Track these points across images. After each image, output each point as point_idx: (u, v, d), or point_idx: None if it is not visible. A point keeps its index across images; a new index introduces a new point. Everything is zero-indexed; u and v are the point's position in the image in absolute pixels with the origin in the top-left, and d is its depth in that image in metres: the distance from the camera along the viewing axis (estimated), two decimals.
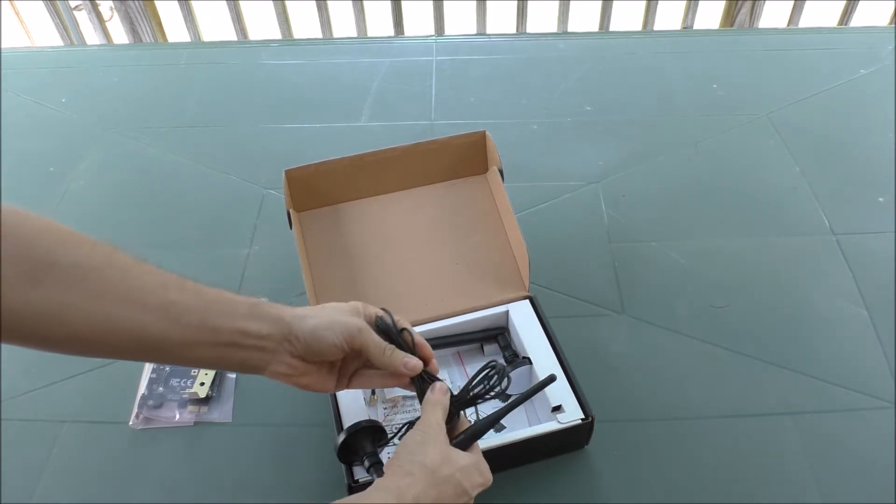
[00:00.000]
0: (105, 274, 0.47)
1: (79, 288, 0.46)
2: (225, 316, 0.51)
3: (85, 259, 0.46)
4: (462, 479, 0.51)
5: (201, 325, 0.50)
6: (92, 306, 0.46)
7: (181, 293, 0.50)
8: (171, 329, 0.49)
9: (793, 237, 0.91)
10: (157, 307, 0.48)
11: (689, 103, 1.14)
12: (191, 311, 0.50)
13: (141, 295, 0.48)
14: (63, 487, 0.70)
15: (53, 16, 1.98)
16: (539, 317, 0.74)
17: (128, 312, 0.47)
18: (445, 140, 0.82)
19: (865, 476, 0.68)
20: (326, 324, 0.54)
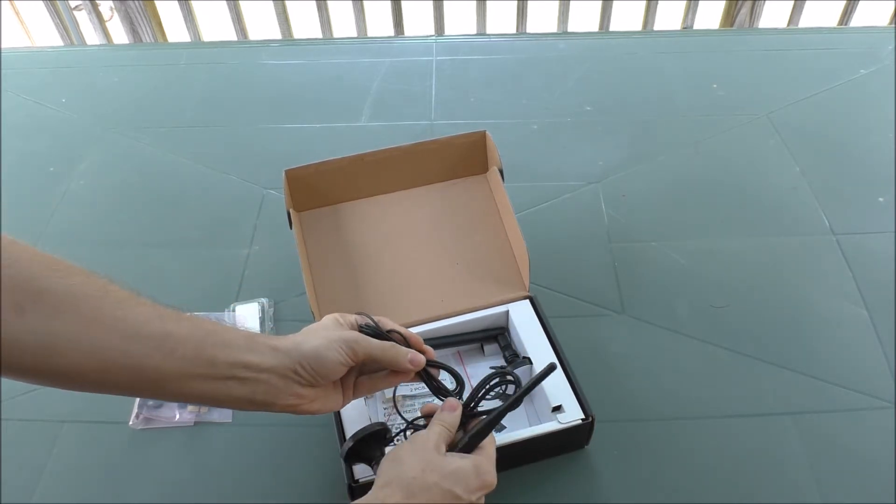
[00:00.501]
0: (98, 303, 0.46)
1: (69, 316, 0.44)
2: (222, 347, 0.50)
3: (78, 288, 0.45)
4: (452, 486, 0.50)
5: (197, 356, 0.48)
6: (83, 336, 0.45)
7: (177, 324, 0.49)
8: (167, 361, 0.47)
9: (793, 237, 0.91)
10: (151, 338, 0.47)
11: (689, 103, 1.14)
12: (186, 343, 0.48)
13: (135, 325, 0.47)
14: (63, 487, 0.70)
15: (53, 16, 1.98)
16: (539, 317, 0.74)
17: (121, 343, 0.46)
18: (445, 140, 0.82)
19: (865, 476, 0.68)
20: (325, 344, 0.53)
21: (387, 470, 0.51)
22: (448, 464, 0.51)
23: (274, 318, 0.84)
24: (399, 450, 0.53)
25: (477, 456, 0.54)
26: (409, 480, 0.50)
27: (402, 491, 0.49)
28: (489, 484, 0.53)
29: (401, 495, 0.49)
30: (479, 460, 0.53)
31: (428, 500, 0.49)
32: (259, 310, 0.84)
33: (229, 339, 0.50)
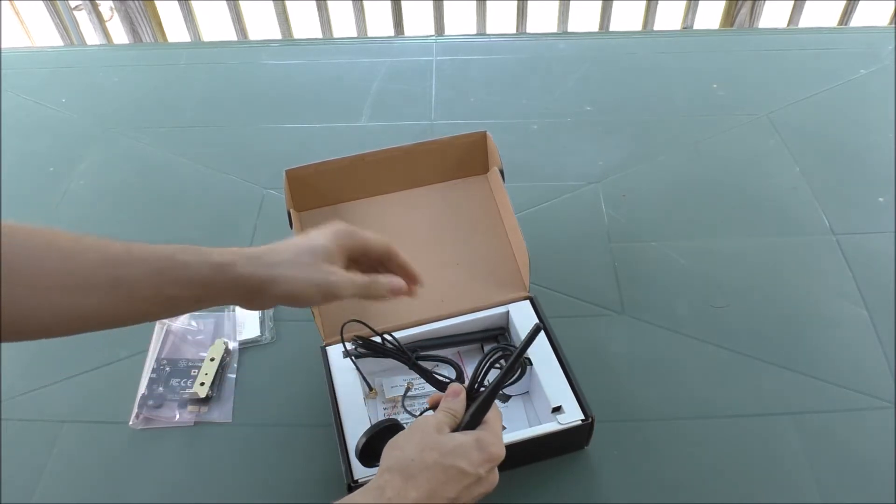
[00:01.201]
0: (44, 262, 0.45)
1: (17, 283, 0.43)
2: (182, 285, 0.48)
3: (22, 249, 0.44)
4: (453, 461, 0.49)
5: (157, 296, 0.48)
6: (34, 299, 0.44)
7: (128, 268, 0.47)
8: (123, 305, 0.47)
9: (793, 237, 0.91)
10: (101, 286, 0.46)
11: (689, 103, 1.14)
12: (141, 286, 0.47)
13: (84, 277, 0.45)
14: (63, 487, 0.70)
15: (53, 16, 1.98)
16: (539, 317, 0.74)
17: (73, 298, 0.45)
18: (446, 140, 0.82)
19: (865, 476, 0.68)
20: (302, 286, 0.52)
21: (386, 457, 0.51)
22: (448, 441, 0.51)
23: (274, 317, 0.84)
24: (398, 437, 0.52)
25: (479, 431, 0.53)
26: (407, 463, 0.49)
27: (401, 474, 0.48)
28: (495, 455, 0.51)
29: (400, 478, 0.48)
30: (480, 434, 0.52)
31: (428, 479, 0.48)
32: None
33: (189, 276, 0.48)
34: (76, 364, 0.80)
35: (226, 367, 0.79)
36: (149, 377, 0.78)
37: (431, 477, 0.48)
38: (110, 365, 0.80)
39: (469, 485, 0.50)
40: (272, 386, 0.78)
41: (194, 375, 0.77)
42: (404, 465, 0.49)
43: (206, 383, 0.76)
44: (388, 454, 0.51)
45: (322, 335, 0.74)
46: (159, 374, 0.78)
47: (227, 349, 0.80)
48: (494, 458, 0.51)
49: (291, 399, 0.76)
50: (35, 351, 0.82)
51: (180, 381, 0.77)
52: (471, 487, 0.50)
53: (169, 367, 0.79)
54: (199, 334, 0.82)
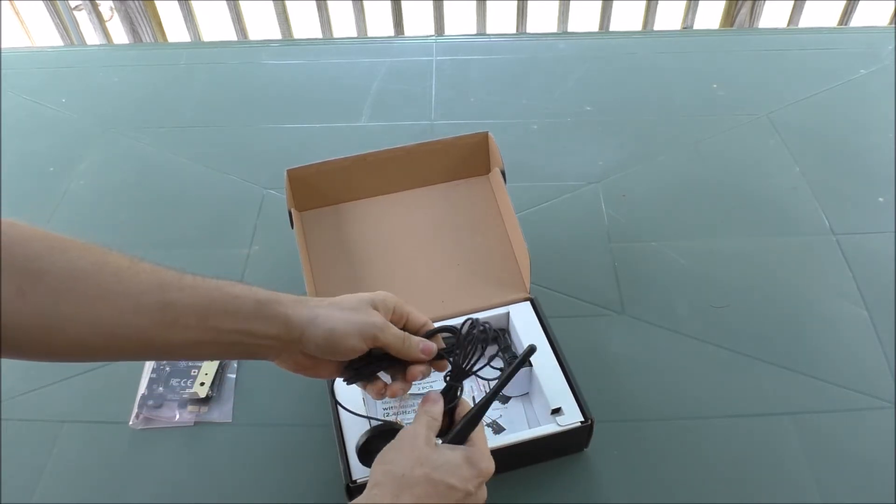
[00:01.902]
0: (97, 279, 0.45)
1: (70, 296, 0.44)
2: (227, 316, 0.49)
3: (75, 264, 0.45)
4: (444, 477, 0.49)
5: (201, 325, 0.48)
6: (85, 314, 0.44)
7: (179, 293, 0.48)
8: (169, 331, 0.47)
9: (793, 237, 0.91)
10: (153, 309, 0.47)
11: (689, 103, 1.14)
12: (189, 313, 0.48)
13: (136, 298, 0.46)
14: (63, 487, 0.70)
15: (53, 16, 1.98)
16: (540, 319, 0.74)
17: (123, 318, 0.46)
18: (448, 141, 0.82)
19: (865, 476, 0.68)
20: (343, 328, 0.52)
21: (376, 470, 0.51)
22: (438, 457, 0.50)
23: None
24: (388, 449, 0.52)
25: (468, 447, 0.53)
26: (398, 478, 0.49)
27: (391, 489, 0.48)
28: (486, 471, 0.52)
29: (390, 494, 0.48)
30: (470, 451, 0.52)
31: (418, 496, 0.48)
32: None
33: (236, 307, 0.49)
34: (76, 364, 0.80)
35: (226, 367, 0.79)
36: (149, 377, 0.77)
37: (422, 493, 0.48)
38: (110, 365, 0.80)
39: (458, 501, 0.50)
40: (272, 386, 0.78)
41: (194, 375, 0.77)
42: (396, 480, 0.49)
43: (206, 383, 0.76)
44: (378, 468, 0.50)
45: None
46: (159, 374, 0.78)
47: None
48: (485, 474, 0.52)
49: (291, 399, 0.76)
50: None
51: (180, 381, 0.77)
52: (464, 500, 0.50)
53: (169, 367, 0.78)
54: None
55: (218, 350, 0.50)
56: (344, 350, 0.53)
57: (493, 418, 0.71)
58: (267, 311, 0.50)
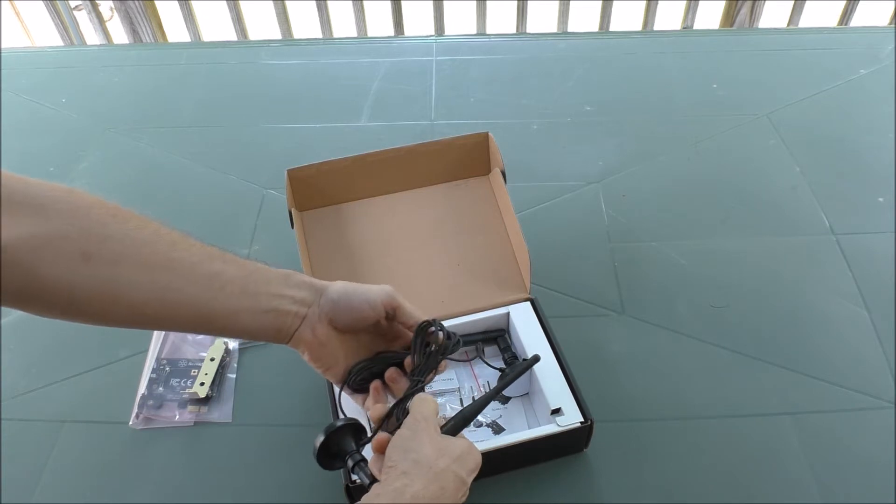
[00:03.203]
0: (155, 248, 0.49)
1: (131, 262, 0.47)
2: (263, 284, 0.54)
3: (135, 233, 0.48)
4: (459, 469, 0.50)
5: (243, 292, 0.52)
6: (145, 280, 0.48)
7: (224, 264, 0.53)
8: (217, 298, 0.51)
9: (793, 237, 0.91)
10: (204, 278, 0.51)
11: (689, 103, 1.14)
12: (233, 281, 0.52)
13: (189, 266, 0.50)
14: (63, 487, 0.70)
15: (53, 16, 1.98)
16: (540, 319, 0.74)
17: (178, 284, 0.49)
18: (448, 141, 0.82)
19: (865, 476, 0.68)
20: (358, 288, 0.57)
21: (400, 458, 0.50)
22: (454, 447, 0.52)
23: None
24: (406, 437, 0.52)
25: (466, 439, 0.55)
26: (425, 468, 0.49)
27: (421, 478, 0.49)
28: (479, 464, 0.54)
29: (421, 483, 0.48)
30: (469, 443, 0.54)
31: (444, 484, 0.49)
32: None
33: (269, 277, 0.55)
34: (76, 364, 0.80)
35: (226, 367, 0.79)
36: (149, 377, 0.78)
37: (445, 481, 0.49)
38: (110, 365, 0.80)
39: (464, 493, 0.51)
40: (272, 386, 0.78)
41: (194, 375, 0.77)
42: (421, 471, 0.49)
43: (206, 383, 0.76)
44: (403, 456, 0.50)
45: None
46: (159, 374, 0.78)
47: (227, 349, 0.80)
48: (478, 466, 0.53)
49: (291, 399, 0.76)
50: (35, 351, 0.82)
51: (180, 381, 0.77)
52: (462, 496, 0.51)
53: (169, 367, 0.79)
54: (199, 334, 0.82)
55: (253, 319, 0.53)
56: (358, 304, 0.57)
57: (492, 418, 0.71)
58: (295, 279, 0.56)
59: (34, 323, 0.85)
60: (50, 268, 0.43)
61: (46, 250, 0.43)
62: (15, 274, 0.42)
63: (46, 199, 0.44)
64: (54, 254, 0.43)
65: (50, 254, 0.43)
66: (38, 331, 0.85)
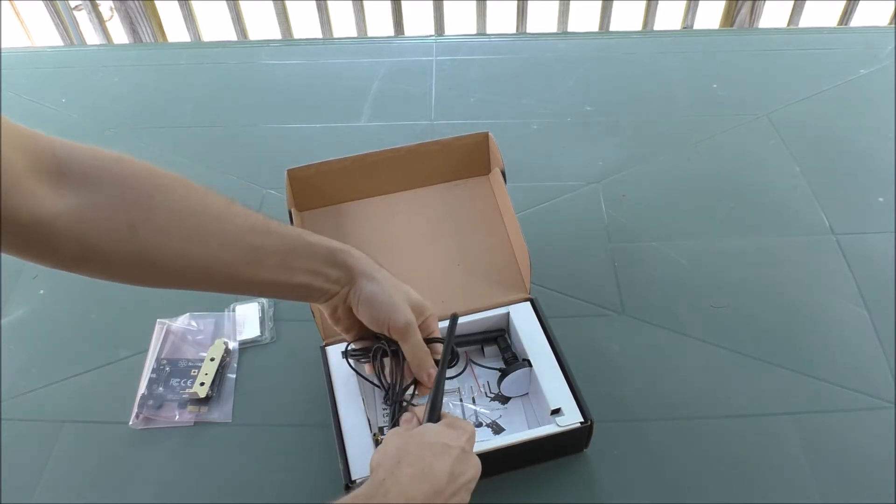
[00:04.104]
0: (199, 219, 0.49)
1: (176, 235, 0.48)
2: (302, 259, 0.55)
3: (181, 204, 0.49)
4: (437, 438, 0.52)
5: (281, 266, 0.54)
6: (188, 250, 0.49)
7: (267, 236, 0.53)
8: (257, 270, 0.52)
9: (793, 237, 0.91)
10: (245, 251, 0.52)
11: (689, 103, 1.14)
12: (274, 255, 0.53)
13: (232, 239, 0.51)
14: (63, 487, 0.70)
15: (53, 16, 1.98)
16: (540, 319, 0.74)
17: (219, 256, 0.50)
18: (448, 141, 0.82)
19: (865, 476, 0.68)
20: (380, 301, 0.57)
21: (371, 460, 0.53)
22: (424, 430, 0.54)
23: (274, 317, 0.84)
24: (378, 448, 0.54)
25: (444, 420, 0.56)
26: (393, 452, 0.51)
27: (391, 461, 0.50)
28: (470, 430, 0.55)
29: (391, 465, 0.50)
30: (447, 419, 0.56)
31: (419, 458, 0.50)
32: (259, 310, 0.84)
33: (311, 253, 0.56)
34: (76, 364, 0.80)
35: (226, 367, 0.79)
36: (149, 377, 0.78)
37: (421, 455, 0.50)
38: (110, 365, 0.80)
39: (457, 457, 0.51)
40: (272, 386, 0.78)
41: (194, 375, 0.77)
42: (392, 455, 0.51)
43: (206, 383, 0.76)
44: (372, 458, 0.53)
45: (322, 335, 0.74)
46: (159, 374, 0.78)
47: (227, 349, 0.80)
48: (470, 432, 0.54)
49: (291, 399, 0.76)
50: (35, 351, 0.82)
51: (180, 381, 0.77)
52: (461, 460, 0.52)
53: (169, 367, 0.79)
54: (199, 334, 0.82)
55: (285, 289, 0.55)
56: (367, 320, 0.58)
57: (492, 418, 0.71)
58: (337, 258, 0.57)
59: (34, 323, 0.85)
60: (98, 237, 0.45)
61: (95, 221, 0.45)
62: (66, 243, 0.44)
63: (93, 170, 0.46)
64: (102, 224, 0.45)
65: (98, 224, 0.45)
66: (38, 331, 0.85)
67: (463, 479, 0.51)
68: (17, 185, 0.41)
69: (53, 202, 0.43)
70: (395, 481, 0.48)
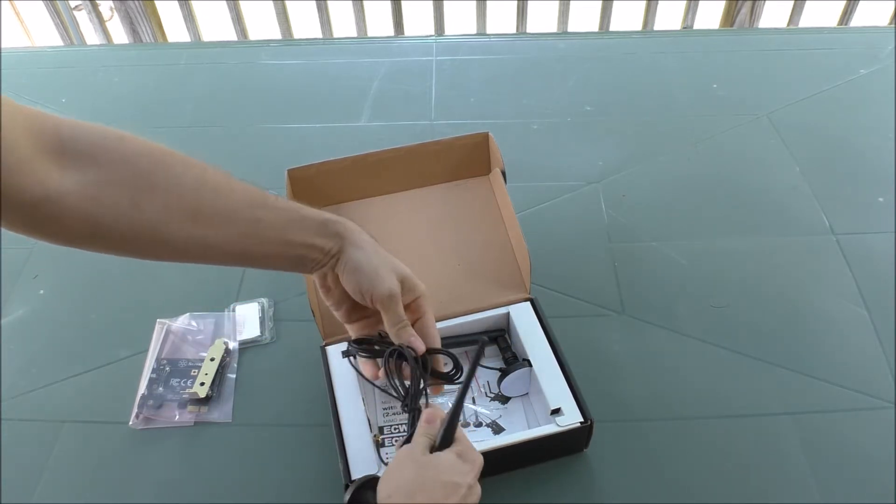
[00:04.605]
0: (198, 195, 0.51)
1: (175, 210, 0.49)
2: (299, 232, 0.56)
3: (180, 180, 0.50)
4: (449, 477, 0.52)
5: (278, 240, 0.55)
6: (188, 226, 0.50)
7: (265, 210, 0.54)
8: (254, 243, 0.54)
9: (793, 237, 0.91)
10: (243, 225, 0.53)
11: (689, 103, 1.14)
12: (272, 227, 0.54)
13: (231, 214, 0.52)
14: (63, 487, 0.70)
15: (53, 16, 1.97)
16: (540, 319, 0.74)
17: (218, 231, 0.52)
18: (448, 141, 0.82)
19: (865, 476, 0.68)
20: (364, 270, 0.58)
21: (384, 486, 0.53)
22: (439, 462, 0.54)
23: (274, 317, 0.84)
24: (390, 468, 0.55)
25: (456, 446, 0.56)
26: (407, 485, 0.52)
27: (405, 494, 0.51)
28: (479, 463, 0.55)
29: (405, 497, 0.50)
30: (460, 449, 0.55)
31: (431, 496, 0.51)
32: (259, 310, 0.84)
33: (306, 224, 0.57)
34: (76, 364, 0.80)
35: (226, 367, 0.79)
36: (149, 377, 0.78)
37: (433, 493, 0.51)
38: (110, 365, 0.80)
39: (464, 495, 0.52)
40: (272, 386, 0.78)
41: (194, 375, 0.77)
42: (405, 489, 0.51)
43: (206, 383, 0.76)
44: (386, 483, 0.53)
45: (322, 334, 0.74)
46: (159, 374, 0.78)
47: (227, 349, 0.80)
48: (478, 465, 0.55)
49: (291, 399, 0.76)
50: (35, 351, 0.82)
51: (180, 381, 0.77)
52: (466, 497, 0.53)
53: (169, 367, 0.79)
54: (199, 334, 0.82)
55: (281, 261, 0.57)
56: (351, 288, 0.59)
57: (492, 418, 0.71)
58: (329, 228, 0.57)
59: (34, 323, 0.85)
60: (104, 213, 0.46)
61: (100, 198, 0.46)
62: (73, 220, 0.45)
63: (97, 148, 0.46)
64: (107, 201, 0.46)
65: (104, 201, 0.46)
66: (38, 331, 0.85)
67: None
68: (23, 165, 0.42)
69: (59, 181, 0.44)
70: None
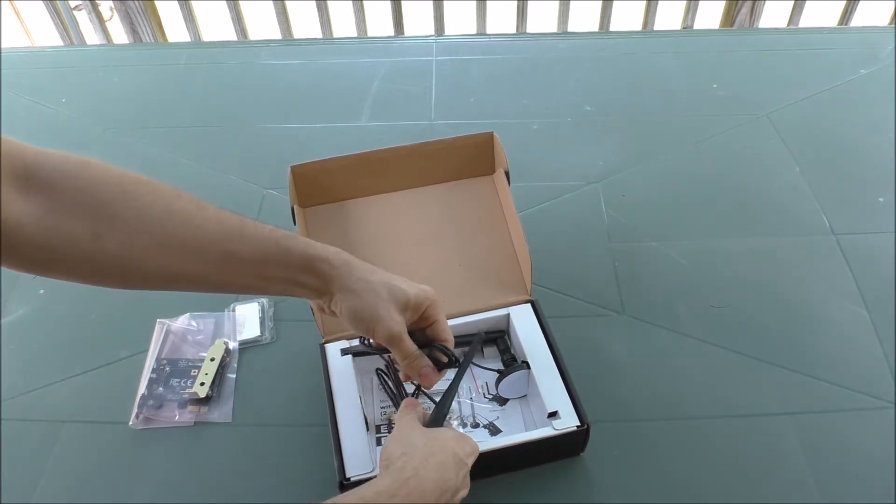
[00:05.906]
0: (166, 226, 0.48)
1: (141, 242, 0.47)
2: (280, 268, 0.53)
3: (146, 211, 0.47)
4: (455, 448, 0.52)
5: (256, 273, 0.52)
6: (153, 258, 0.48)
7: (240, 243, 0.51)
8: (230, 278, 0.51)
9: (793, 237, 0.91)
10: (216, 259, 0.50)
11: (689, 103, 1.14)
12: (247, 264, 0.51)
13: (201, 247, 0.49)
14: (63, 487, 0.70)
15: (53, 16, 1.97)
16: (540, 321, 0.74)
17: (188, 264, 0.49)
18: (452, 140, 0.82)
19: (865, 476, 0.68)
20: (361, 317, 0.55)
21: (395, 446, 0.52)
22: (444, 433, 0.54)
23: (274, 318, 0.84)
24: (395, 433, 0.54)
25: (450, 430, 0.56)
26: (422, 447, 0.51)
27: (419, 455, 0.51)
28: (476, 448, 0.55)
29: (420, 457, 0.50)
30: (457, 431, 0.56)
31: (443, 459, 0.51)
32: (259, 310, 0.84)
33: (287, 262, 0.53)
34: (76, 364, 0.80)
35: (226, 367, 0.79)
36: (149, 377, 0.78)
37: (444, 462, 0.51)
38: (110, 365, 0.80)
39: (466, 474, 0.52)
40: (272, 386, 0.78)
41: (194, 375, 0.77)
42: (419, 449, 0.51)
43: (206, 383, 0.76)
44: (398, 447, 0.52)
45: (321, 332, 0.74)
46: (159, 374, 0.78)
47: (227, 349, 0.80)
48: (476, 450, 0.55)
49: (291, 399, 0.76)
50: (35, 350, 0.82)
51: (180, 381, 0.77)
52: (465, 477, 0.53)
53: (169, 367, 0.79)
54: (199, 334, 0.82)
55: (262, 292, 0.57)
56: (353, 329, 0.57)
57: (489, 419, 0.71)
58: (315, 267, 0.54)
59: (34, 323, 0.85)
60: (62, 243, 0.45)
61: (59, 228, 0.44)
62: (30, 248, 0.44)
63: (59, 176, 0.46)
64: (66, 231, 0.44)
65: (62, 231, 0.44)
66: (38, 331, 0.85)
67: (459, 496, 0.52)
68: None
69: (20, 208, 0.43)
70: (418, 482, 0.49)
